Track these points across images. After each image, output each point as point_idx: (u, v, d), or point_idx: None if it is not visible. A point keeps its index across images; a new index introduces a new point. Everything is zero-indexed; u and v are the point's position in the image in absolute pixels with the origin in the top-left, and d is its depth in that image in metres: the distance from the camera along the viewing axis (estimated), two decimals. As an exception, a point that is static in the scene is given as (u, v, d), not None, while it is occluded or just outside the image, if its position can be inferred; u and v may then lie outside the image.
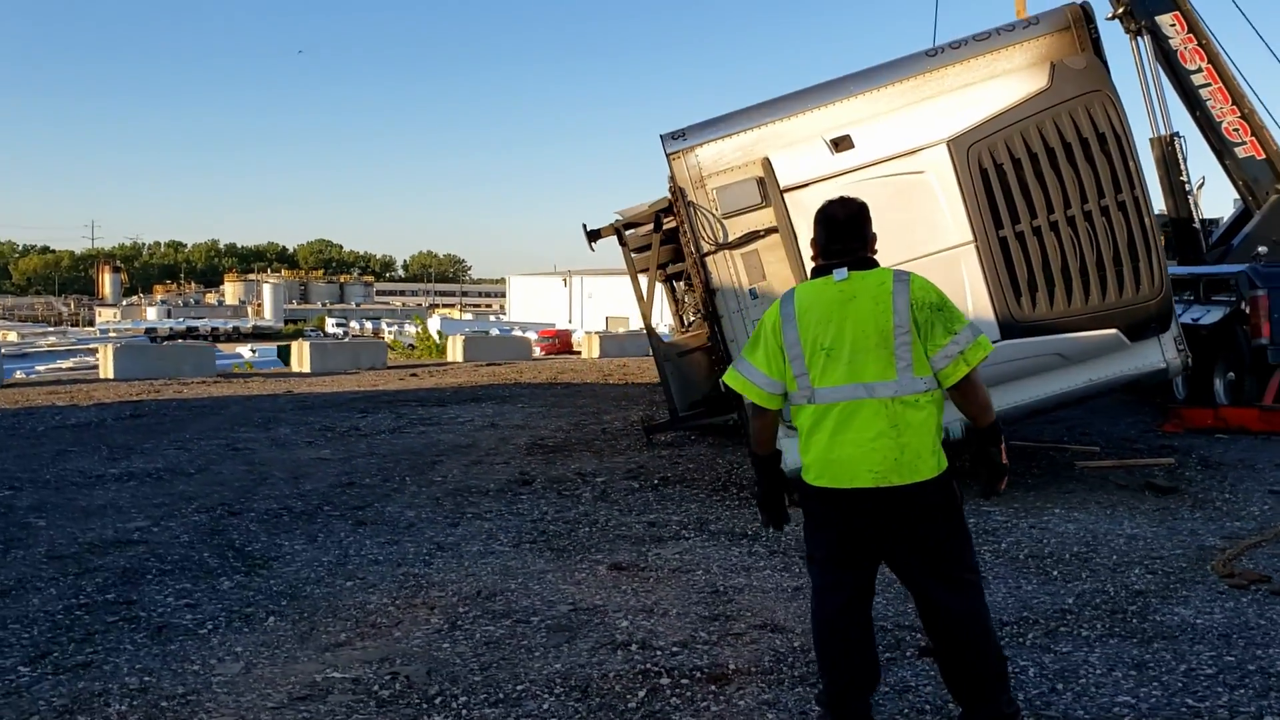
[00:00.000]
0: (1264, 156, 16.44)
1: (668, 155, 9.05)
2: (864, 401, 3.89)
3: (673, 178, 9.07)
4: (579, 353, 36.20)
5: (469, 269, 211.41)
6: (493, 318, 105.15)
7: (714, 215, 8.95)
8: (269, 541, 7.90)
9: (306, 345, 25.67)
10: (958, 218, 8.50)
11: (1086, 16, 8.92)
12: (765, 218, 8.92)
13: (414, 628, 5.85)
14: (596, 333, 34.62)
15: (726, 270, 8.96)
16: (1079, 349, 8.61)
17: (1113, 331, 8.50)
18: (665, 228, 12.64)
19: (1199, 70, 16.51)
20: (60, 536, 8.04)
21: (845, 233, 4.05)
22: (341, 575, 6.96)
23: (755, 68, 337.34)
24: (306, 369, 24.73)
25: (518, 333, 47.88)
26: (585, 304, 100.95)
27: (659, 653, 5.33)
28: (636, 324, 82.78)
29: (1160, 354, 8.87)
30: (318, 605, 6.30)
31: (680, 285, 15.37)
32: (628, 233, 13.16)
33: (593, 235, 13.30)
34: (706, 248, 8.96)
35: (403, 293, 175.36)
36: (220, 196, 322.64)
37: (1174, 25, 16.50)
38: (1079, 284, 8.51)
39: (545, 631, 5.73)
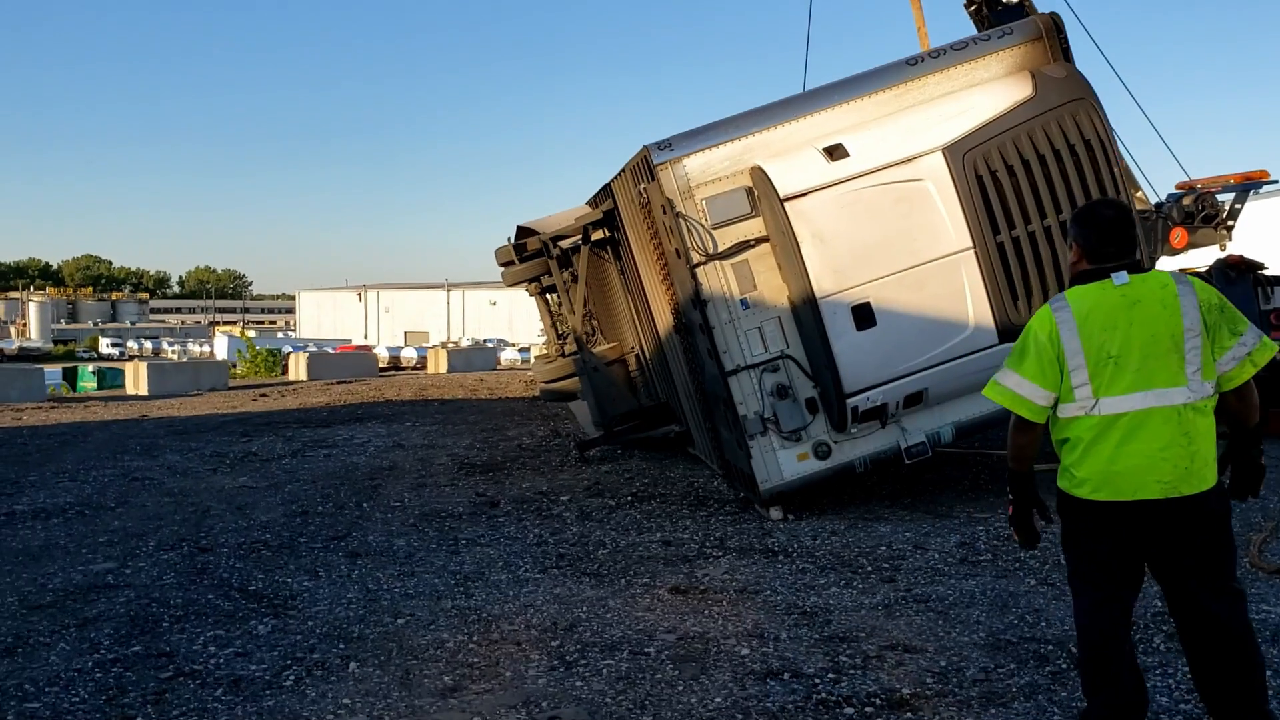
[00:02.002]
0: None
1: (653, 166, 8.77)
2: (1153, 410, 3.73)
3: (659, 189, 8.76)
4: (412, 369, 35.15)
5: (250, 284, 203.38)
6: (281, 334, 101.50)
7: (703, 226, 8.73)
8: (269, 579, 7.19)
9: (144, 366, 23.95)
10: (957, 224, 8.51)
11: (1057, 26, 9.15)
12: (755, 227, 8.76)
13: (521, 666, 5.37)
14: (443, 346, 33.76)
15: (717, 281, 8.74)
16: None
17: (1102, 333, 8.65)
18: (593, 239, 12.35)
19: None
20: (21, 584, 7.10)
21: (1117, 234, 3.87)
22: (383, 613, 6.37)
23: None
24: (144, 391, 23.05)
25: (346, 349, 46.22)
26: (382, 319, 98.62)
27: (817, 681, 5.05)
28: (437, 339, 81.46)
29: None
30: (386, 648, 5.72)
31: (553, 298, 14.99)
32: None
33: (519, 249, 12.86)
34: (697, 259, 8.71)
35: (180, 310, 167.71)
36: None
37: None
38: (1071, 288, 8.65)
39: (671, 663, 5.35)
